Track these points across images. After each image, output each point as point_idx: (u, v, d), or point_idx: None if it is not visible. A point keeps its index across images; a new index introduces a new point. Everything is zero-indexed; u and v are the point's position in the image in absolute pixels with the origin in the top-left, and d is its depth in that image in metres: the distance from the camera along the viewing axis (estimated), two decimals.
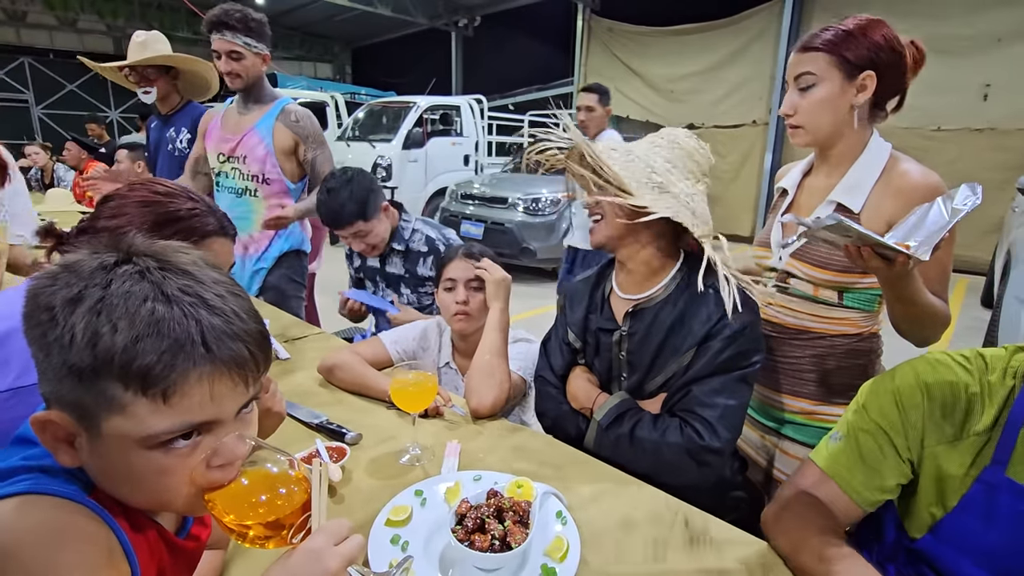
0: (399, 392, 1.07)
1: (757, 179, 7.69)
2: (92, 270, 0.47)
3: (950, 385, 0.77)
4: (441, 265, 1.48)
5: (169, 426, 0.47)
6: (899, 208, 1.00)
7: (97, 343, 0.44)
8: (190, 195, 0.92)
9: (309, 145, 2.07)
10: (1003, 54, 5.80)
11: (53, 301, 0.45)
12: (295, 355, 1.58)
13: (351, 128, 7.56)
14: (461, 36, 11.93)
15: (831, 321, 1.12)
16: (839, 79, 1.05)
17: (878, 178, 1.07)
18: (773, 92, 7.44)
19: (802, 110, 1.10)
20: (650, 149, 1.06)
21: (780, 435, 1.21)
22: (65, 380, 0.46)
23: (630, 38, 9.00)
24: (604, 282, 1.21)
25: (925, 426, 0.79)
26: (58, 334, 0.45)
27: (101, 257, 0.48)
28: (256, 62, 1.98)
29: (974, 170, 5.86)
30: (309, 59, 14.92)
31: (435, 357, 1.52)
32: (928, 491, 0.80)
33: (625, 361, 1.12)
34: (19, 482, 0.47)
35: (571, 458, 1.09)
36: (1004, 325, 2.70)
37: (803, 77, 1.08)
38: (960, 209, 0.83)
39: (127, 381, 0.45)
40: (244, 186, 2.09)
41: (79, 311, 0.45)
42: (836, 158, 1.12)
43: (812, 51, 1.07)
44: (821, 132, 1.10)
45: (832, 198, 1.10)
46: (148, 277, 0.47)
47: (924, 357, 0.82)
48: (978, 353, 0.80)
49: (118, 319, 0.44)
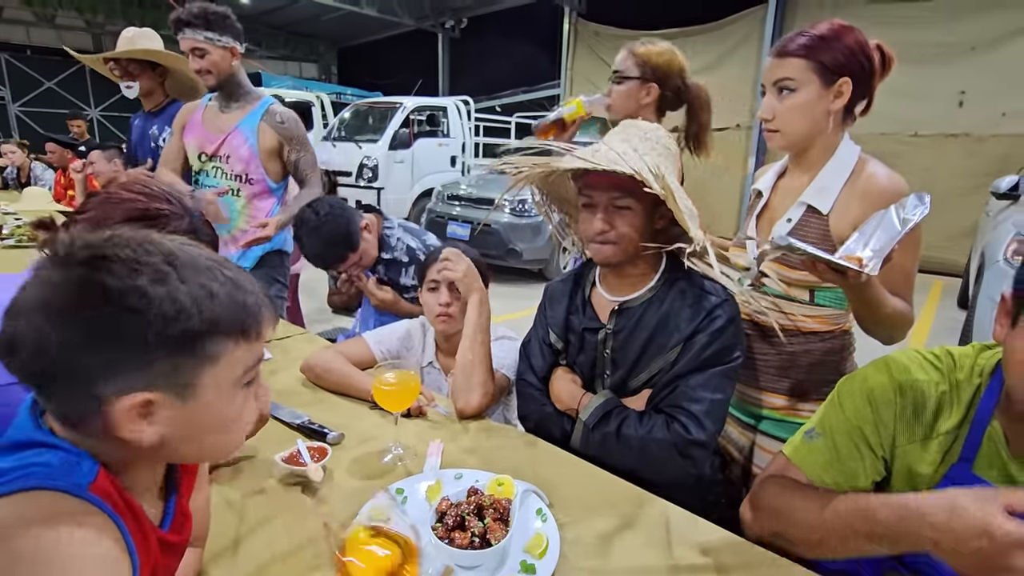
0: (381, 392, 1.07)
1: (741, 181, 7.79)
2: (138, 253, 0.48)
3: (921, 384, 0.79)
4: (425, 265, 1.48)
5: (253, 360, 0.55)
6: (865, 210, 1.02)
7: (203, 307, 0.49)
8: (168, 196, 0.91)
9: (293, 147, 2.06)
10: (977, 62, 5.96)
11: (133, 286, 0.46)
12: (278, 355, 1.57)
13: (337, 128, 7.52)
14: (448, 37, 11.92)
15: (804, 319, 1.14)
16: (817, 85, 1.07)
17: (847, 180, 1.09)
18: (756, 96, 7.53)
19: (780, 114, 1.11)
20: (647, 151, 1.04)
21: (757, 431, 1.23)
22: (160, 354, 0.48)
23: (616, 42, 9.05)
24: (584, 282, 1.22)
25: (896, 425, 0.80)
26: (157, 312, 0.47)
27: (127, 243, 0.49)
28: (224, 56, 1.93)
29: (949, 175, 6.02)
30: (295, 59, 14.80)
31: (419, 357, 1.52)
32: (900, 488, 0.82)
33: (609, 359, 1.13)
34: (18, 479, 0.46)
35: (553, 456, 1.10)
36: (978, 325, 2.77)
37: (781, 82, 1.09)
38: (910, 219, 0.85)
39: (231, 331, 0.51)
40: (227, 185, 2.07)
41: (171, 285, 0.47)
42: (808, 161, 1.15)
43: (789, 56, 1.08)
44: (798, 136, 1.12)
45: (803, 199, 1.13)
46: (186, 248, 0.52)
47: (896, 356, 0.84)
48: (947, 351, 0.82)
49: (208, 282, 0.49)
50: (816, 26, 1.08)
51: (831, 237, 1.08)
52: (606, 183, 1.02)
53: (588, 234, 1.08)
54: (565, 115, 1.71)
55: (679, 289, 1.10)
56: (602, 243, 1.07)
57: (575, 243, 1.31)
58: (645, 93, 1.62)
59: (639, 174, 0.93)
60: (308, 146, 2.09)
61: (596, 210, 1.06)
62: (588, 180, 1.06)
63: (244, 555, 0.81)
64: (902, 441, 0.80)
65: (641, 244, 1.07)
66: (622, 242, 1.06)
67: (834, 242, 1.07)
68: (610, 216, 1.05)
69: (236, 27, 1.97)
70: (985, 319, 2.73)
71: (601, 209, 1.05)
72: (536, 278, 5.45)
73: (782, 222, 1.15)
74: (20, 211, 3.82)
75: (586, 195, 1.08)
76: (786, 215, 1.15)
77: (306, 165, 2.07)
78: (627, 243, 1.06)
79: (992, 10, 5.81)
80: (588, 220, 1.07)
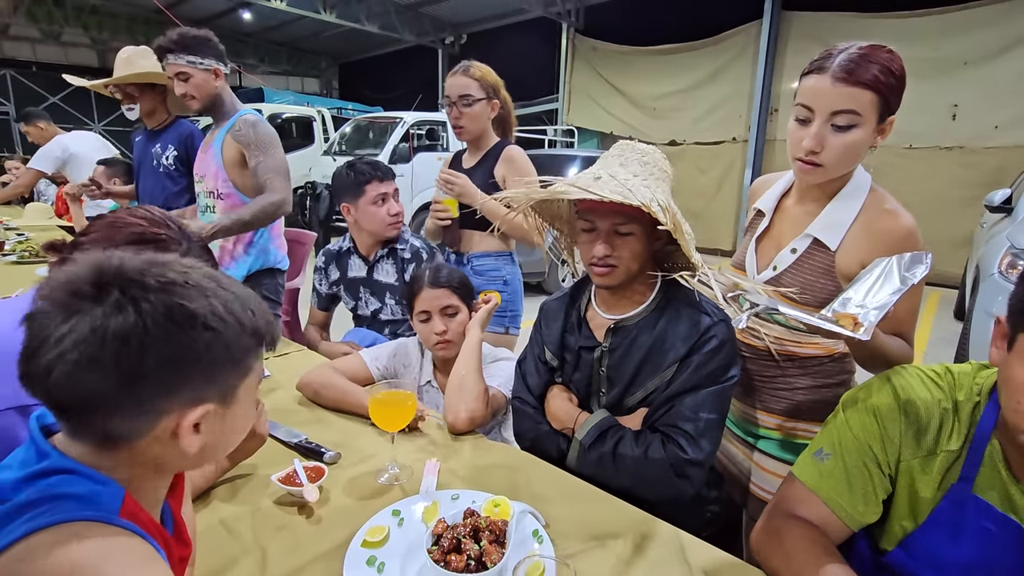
0: (378, 411, 1.08)
1: (737, 195, 7.84)
2: (194, 278, 0.53)
3: (924, 401, 0.79)
4: (411, 294, 1.45)
5: (261, 368, 0.61)
6: (874, 252, 0.98)
7: (248, 326, 0.55)
8: (168, 222, 0.97)
9: (252, 153, 1.94)
10: (969, 76, 6.05)
11: (211, 310, 0.52)
12: (275, 373, 1.57)
13: (338, 143, 7.59)
14: (447, 53, 12.06)
15: (802, 344, 1.14)
16: (874, 122, 0.97)
17: (857, 215, 1.05)
18: (752, 110, 7.63)
19: (832, 149, 0.98)
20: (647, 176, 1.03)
21: (757, 450, 1.22)
22: (225, 369, 0.54)
23: (613, 57, 9.18)
24: (580, 300, 1.23)
25: (902, 441, 0.80)
26: (230, 333, 0.53)
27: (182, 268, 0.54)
28: (206, 78, 1.93)
29: (945, 186, 6.07)
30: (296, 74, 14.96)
31: (416, 375, 1.53)
32: (902, 505, 0.82)
33: (605, 377, 1.14)
34: (48, 511, 0.46)
35: (549, 475, 1.10)
36: (975, 337, 2.78)
37: (844, 115, 0.96)
38: (909, 279, 0.84)
39: (264, 345, 0.58)
40: (206, 203, 2.09)
41: (228, 307, 0.53)
42: (820, 188, 1.09)
43: (860, 87, 0.94)
44: (838, 174, 1.03)
45: (809, 232, 1.08)
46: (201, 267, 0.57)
47: (899, 372, 0.84)
48: (947, 369, 0.83)
49: (245, 306, 0.55)
50: (878, 52, 0.95)
51: (835, 273, 1.06)
52: (608, 210, 1.02)
53: (590, 259, 1.08)
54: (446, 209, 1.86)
55: (675, 308, 1.11)
56: (604, 267, 1.07)
57: (569, 259, 1.32)
58: (491, 109, 1.84)
59: (649, 208, 0.92)
60: (271, 150, 1.95)
61: (598, 235, 1.06)
62: (589, 205, 1.05)
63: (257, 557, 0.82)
64: (907, 456, 0.80)
65: (642, 267, 1.08)
66: (623, 265, 1.06)
67: (838, 279, 1.05)
68: (612, 241, 1.05)
69: (218, 48, 1.96)
70: (981, 331, 2.74)
71: (603, 234, 1.06)
72: (534, 290, 5.46)
73: (785, 252, 1.12)
74: (23, 227, 3.84)
75: (587, 220, 1.08)
76: (790, 245, 1.11)
77: (266, 170, 1.93)
78: (628, 266, 1.07)
79: (983, 26, 5.91)
80: (589, 245, 1.07)
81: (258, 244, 2.09)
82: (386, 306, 1.95)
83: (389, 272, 1.94)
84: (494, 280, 1.89)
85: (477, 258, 1.90)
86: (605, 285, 1.11)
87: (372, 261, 1.94)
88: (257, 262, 2.11)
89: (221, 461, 1.02)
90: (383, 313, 1.96)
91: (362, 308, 1.99)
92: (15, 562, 0.44)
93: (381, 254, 1.93)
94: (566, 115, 9.90)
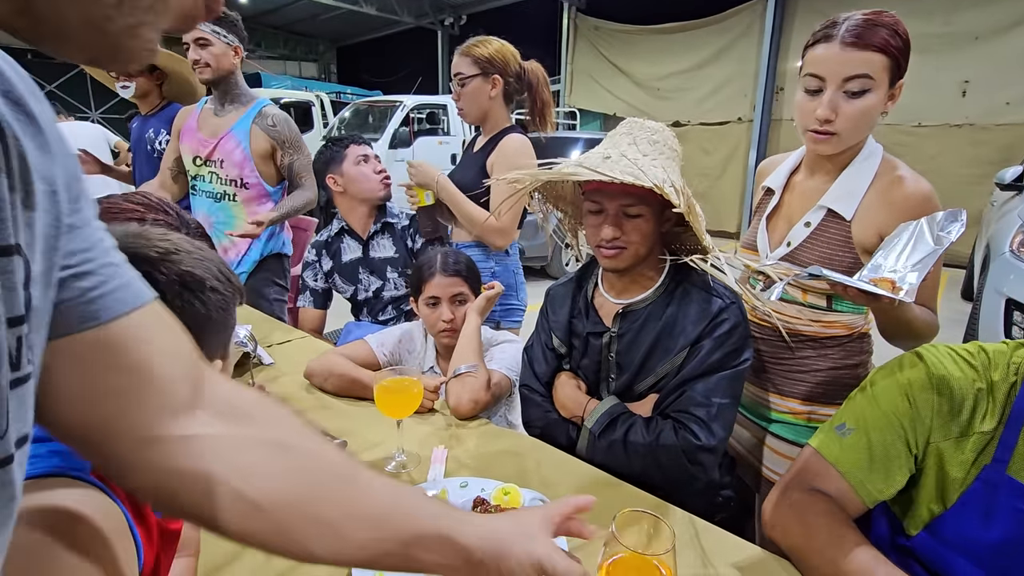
0: (384, 398, 1.06)
1: (742, 175, 7.75)
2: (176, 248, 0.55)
3: (958, 380, 0.77)
4: (420, 278, 1.43)
5: None
6: (891, 218, 0.97)
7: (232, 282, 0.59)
8: (166, 208, 0.96)
9: (286, 151, 2.04)
10: (980, 52, 5.91)
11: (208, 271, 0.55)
12: (279, 360, 1.56)
13: (337, 128, 7.51)
14: (447, 35, 11.88)
15: (820, 324, 1.11)
16: (886, 85, 0.96)
17: (871, 183, 1.03)
18: (757, 89, 7.50)
19: (846, 117, 0.97)
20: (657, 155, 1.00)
21: (770, 433, 1.21)
22: (226, 326, 0.57)
23: (616, 36, 9.02)
24: (586, 284, 1.20)
25: (933, 421, 0.78)
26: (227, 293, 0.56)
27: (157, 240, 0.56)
28: (226, 52, 1.92)
29: (954, 164, 5.98)
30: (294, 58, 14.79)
31: (420, 360, 1.51)
32: (929, 488, 0.80)
33: (614, 363, 1.12)
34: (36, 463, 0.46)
35: (558, 462, 1.09)
36: (984, 318, 2.74)
37: (857, 80, 0.94)
38: (944, 237, 0.82)
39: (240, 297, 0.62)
40: (223, 191, 2.05)
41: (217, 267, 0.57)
42: (831, 160, 1.07)
43: (870, 50, 0.93)
44: (853, 142, 1.01)
45: (823, 203, 1.06)
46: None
47: (930, 350, 0.81)
48: (980, 348, 0.80)
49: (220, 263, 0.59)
50: (881, 16, 0.95)
51: (852, 244, 1.04)
52: (617, 190, 0.99)
53: (598, 241, 1.05)
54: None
55: (684, 291, 1.08)
56: (612, 249, 1.04)
57: (573, 242, 1.30)
58: (491, 87, 1.68)
59: (661, 190, 0.89)
60: (302, 148, 2.08)
61: (605, 217, 1.03)
62: (597, 185, 1.02)
63: (242, 570, 0.80)
64: (937, 438, 0.78)
65: (651, 250, 1.05)
66: (632, 248, 1.04)
67: (855, 249, 1.04)
68: (620, 223, 1.02)
69: (243, 32, 1.97)
70: (991, 311, 2.70)
71: (611, 216, 1.03)
72: (538, 275, 5.43)
73: (799, 226, 1.10)
74: None
75: (594, 201, 1.05)
76: (804, 219, 1.09)
77: (300, 168, 2.06)
78: (637, 249, 1.04)
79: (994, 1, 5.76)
80: (597, 227, 1.04)
81: (271, 228, 2.08)
82: (388, 281, 1.91)
83: (386, 247, 1.91)
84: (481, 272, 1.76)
85: (464, 248, 1.75)
86: (613, 268, 1.08)
87: (366, 239, 1.91)
88: (268, 247, 2.13)
89: None
90: (386, 290, 1.92)
91: (362, 292, 1.94)
92: None
93: (375, 229, 1.90)
94: (568, 96, 9.76)
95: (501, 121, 1.73)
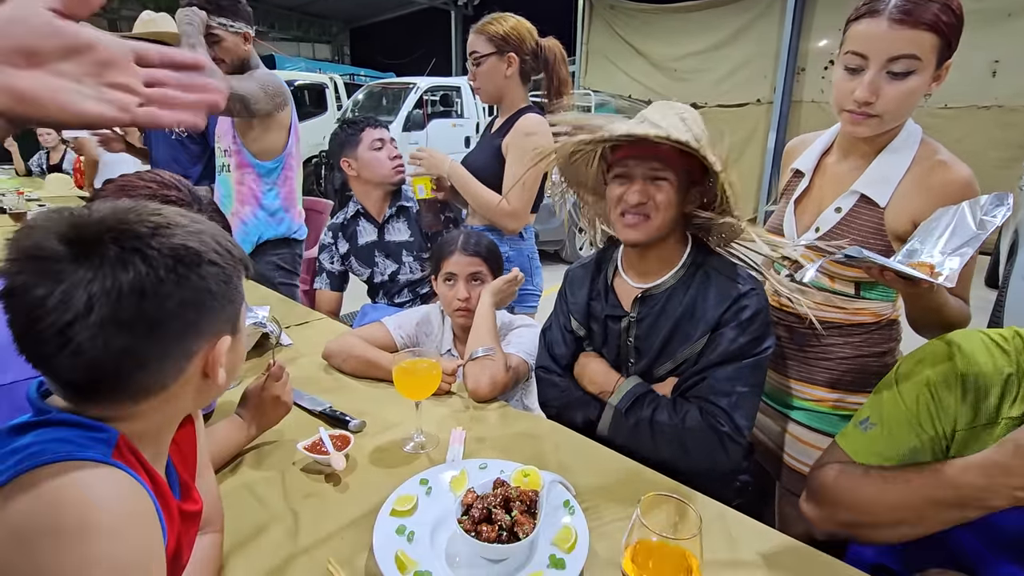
0: (403, 380, 1.06)
1: (760, 159, 7.59)
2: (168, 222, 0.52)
3: (985, 368, 0.75)
4: (440, 255, 1.44)
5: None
6: (928, 204, 0.93)
7: (246, 261, 0.58)
8: (178, 185, 1.00)
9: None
10: (1012, 29, 5.68)
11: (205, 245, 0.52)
12: (298, 341, 1.57)
13: (351, 110, 7.48)
14: (461, 15, 11.72)
15: (848, 311, 1.08)
16: (932, 67, 0.90)
17: (908, 168, 0.98)
18: (777, 71, 7.30)
19: (887, 100, 0.91)
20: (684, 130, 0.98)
21: (792, 420, 1.19)
22: (233, 298, 0.56)
23: (632, 16, 8.82)
24: (606, 267, 1.19)
25: (958, 411, 0.76)
26: (227, 266, 0.54)
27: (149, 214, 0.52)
28: (236, 42, 1.91)
29: (982, 147, 5.80)
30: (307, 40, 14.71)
31: (438, 343, 1.51)
32: None
33: (633, 347, 1.11)
34: (43, 452, 0.46)
35: (576, 445, 1.08)
36: (1010, 306, 2.67)
37: (902, 61, 0.89)
38: (988, 220, 0.78)
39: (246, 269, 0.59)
40: (222, 163, 2.07)
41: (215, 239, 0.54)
42: (866, 143, 1.03)
43: (920, 28, 0.87)
44: (892, 125, 0.96)
45: (856, 188, 1.02)
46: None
47: (958, 339, 0.79)
48: (1016, 332, 0.78)
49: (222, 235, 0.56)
50: None
51: (884, 231, 1.01)
52: (645, 154, 0.99)
53: (622, 208, 1.03)
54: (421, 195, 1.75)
55: (705, 275, 1.06)
56: (637, 216, 1.02)
57: (589, 229, 1.28)
58: (507, 65, 1.64)
59: (699, 145, 0.89)
60: (254, 80, 1.90)
61: (632, 182, 1.01)
62: (627, 151, 1.01)
63: (268, 544, 0.81)
64: (962, 425, 0.76)
65: (673, 225, 1.04)
66: (657, 218, 1.01)
67: (887, 236, 1.00)
68: (647, 189, 1.01)
69: (247, 11, 1.93)
70: (1018, 298, 2.63)
71: (638, 180, 1.01)
72: (552, 259, 5.41)
73: (829, 211, 1.06)
74: (44, 197, 3.88)
75: (621, 166, 1.03)
76: (834, 204, 1.06)
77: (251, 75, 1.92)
78: (662, 219, 1.02)
79: None
80: (622, 194, 1.02)
81: (273, 211, 2.06)
82: (404, 265, 1.91)
83: (401, 230, 1.90)
84: None
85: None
86: (635, 241, 1.05)
87: (382, 222, 1.90)
88: (268, 231, 2.08)
89: (249, 428, 1.01)
90: (401, 273, 1.92)
91: (378, 275, 1.95)
92: (5, 503, 0.44)
93: (390, 213, 1.89)
94: (583, 78, 9.60)
95: (518, 101, 1.70)
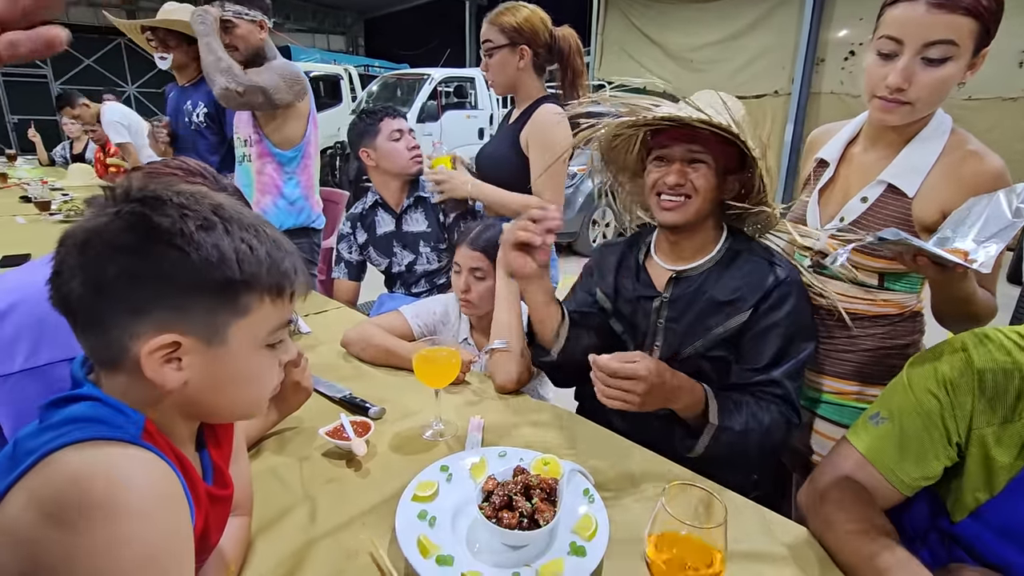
0: (423, 368, 1.06)
1: (778, 151, 7.48)
2: (189, 200, 0.50)
3: (1002, 368, 0.74)
4: (454, 245, 1.48)
5: (280, 320, 0.56)
6: (958, 195, 0.91)
7: (243, 259, 0.51)
8: (203, 171, 1.00)
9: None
10: None
11: (180, 228, 0.48)
12: (316, 329, 1.58)
13: (366, 101, 7.50)
14: (475, 6, 11.64)
15: (872, 303, 1.07)
16: (969, 54, 0.87)
17: (937, 158, 0.96)
18: (796, 61, 7.18)
19: (921, 87, 0.89)
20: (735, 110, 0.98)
21: (815, 415, 1.17)
22: (197, 298, 0.50)
23: (648, 6, 8.70)
24: (639, 249, 1.19)
25: (975, 409, 0.75)
26: (200, 256, 0.49)
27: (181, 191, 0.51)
28: (251, 29, 1.92)
29: (1008, 139, 5.65)
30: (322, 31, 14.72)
31: (455, 332, 1.52)
32: (974, 475, 0.77)
33: (663, 328, 1.10)
34: (75, 431, 0.47)
35: (594, 434, 1.08)
36: None
37: (938, 47, 0.87)
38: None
39: (266, 288, 0.53)
40: (243, 153, 2.10)
41: (215, 234, 0.50)
42: (898, 130, 1.00)
43: (959, 12, 0.85)
44: (924, 113, 0.94)
45: (883, 178, 1.01)
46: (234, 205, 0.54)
47: (976, 335, 0.78)
48: None
49: (250, 238, 0.52)
50: None
51: (911, 221, 0.99)
52: (684, 136, 1.00)
53: (660, 189, 1.04)
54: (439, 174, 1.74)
55: (742, 261, 1.06)
56: (674, 197, 1.03)
57: (623, 210, 1.28)
58: (519, 58, 1.62)
59: (740, 128, 0.90)
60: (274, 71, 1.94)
61: (671, 163, 1.03)
62: (667, 135, 1.03)
63: (292, 527, 0.83)
64: (980, 423, 0.75)
65: (710, 210, 1.04)
66: (695, 201, 1.02)
67: (914, 227, 0.98)
68: (685, 170, 1.02)
69: (265, 2, 1.95)
70: None
71: (676, 162, 1.02)
72: (565, 251, 5.39)
73: (855, 201, 1.05)
74: (67, 187, 3.94)
75: (662, 147, 1.04)
76: (860, 193, 1.04)
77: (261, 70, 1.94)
78: (700, 203, 1.02)
79: None
80: (659, 175, 1.04)
81: (292, 199, 2.08)
82: (421, 255, 1.92)
83: (419, 221, 1.90)
84: None
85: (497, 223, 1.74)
86: (672, 223, 1.05)
87: (400, 212, 1.91)
88: (288, 219, 2.11)
89: (270, 413, 1.03)
90: (418, 264, 1.93)
91: (396, 265, 1.96)
92: (37, 481, 0.45)
93: (408, 203, 1.90)
94: (598, 70, 9.51)
95: (533, 92, 1.69)
